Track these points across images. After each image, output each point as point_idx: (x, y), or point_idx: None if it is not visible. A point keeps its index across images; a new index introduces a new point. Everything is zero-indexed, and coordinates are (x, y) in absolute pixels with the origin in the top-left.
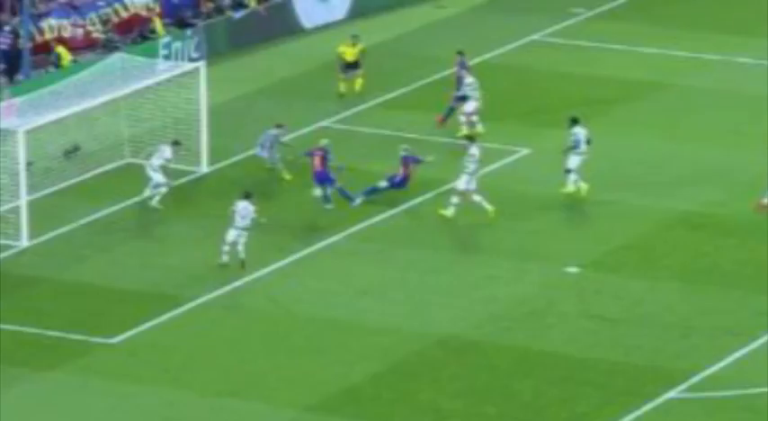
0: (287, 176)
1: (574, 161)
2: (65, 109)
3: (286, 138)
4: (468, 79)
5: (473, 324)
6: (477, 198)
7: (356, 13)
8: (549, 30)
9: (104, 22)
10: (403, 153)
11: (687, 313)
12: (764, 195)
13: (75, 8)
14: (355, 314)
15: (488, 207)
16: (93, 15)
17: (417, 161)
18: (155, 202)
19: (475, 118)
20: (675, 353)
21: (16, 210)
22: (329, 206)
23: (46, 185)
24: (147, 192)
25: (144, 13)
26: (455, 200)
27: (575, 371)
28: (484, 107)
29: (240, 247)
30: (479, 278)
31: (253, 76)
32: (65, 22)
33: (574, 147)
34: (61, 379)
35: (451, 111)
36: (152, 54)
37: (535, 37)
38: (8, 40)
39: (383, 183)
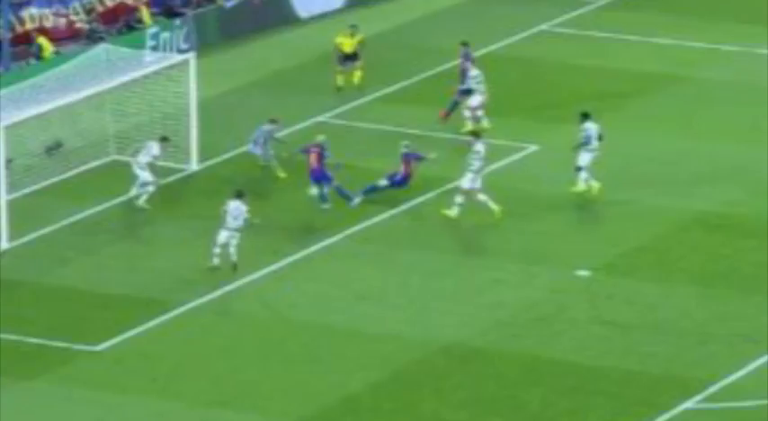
0: (281, 174)
1: (585, 158)
2: (47, 103)
3: (281, 134)
4: (473, 72)
5: (478, 330)
6: (482, 197)
7: (355, 1)
8: (559, 19)
9: (88, 12)
10: (404, 150)
11: (704, 319)
12: None
13: None
14: (354, 320)
15: (494, 207)
16: (76, 4)
17: (419, 158)
18: (142, 202)
19: (480, 113)
20: (692, 362)
21: None
22: (326, 206)
23: (26, 184)
24: (133, 192)
25: (130, 1)
26: (459, 199)
27: (585, 380)
28: (490, 101)
29: (232, 249)
30: (485, 282)
31: (245, 68)
32: (46, 11)
33: (585, 143)
34: (42, 388)
35: (455, 106)
36: (139, 45)
37: (544, 27)
38: None
39: (383, 182)
